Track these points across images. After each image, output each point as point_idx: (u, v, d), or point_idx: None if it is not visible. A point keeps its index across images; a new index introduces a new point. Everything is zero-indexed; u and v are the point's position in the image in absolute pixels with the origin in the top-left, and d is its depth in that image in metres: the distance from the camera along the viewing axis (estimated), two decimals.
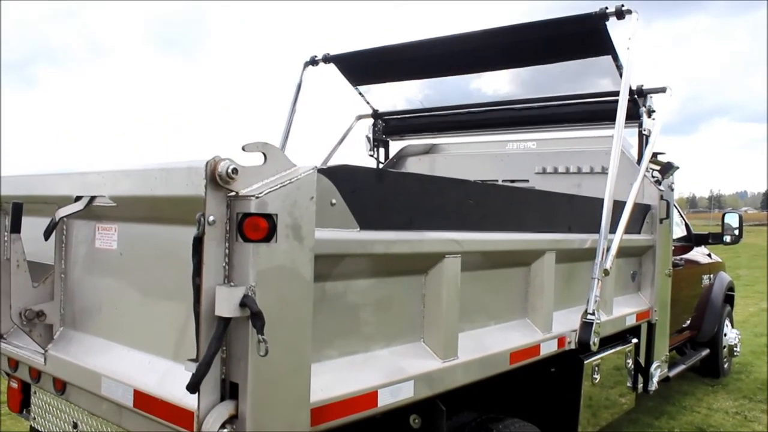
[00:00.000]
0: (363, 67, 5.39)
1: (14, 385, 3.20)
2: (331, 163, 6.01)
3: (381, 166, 6.26)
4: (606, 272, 3.51)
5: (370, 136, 6.21)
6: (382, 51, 4.95)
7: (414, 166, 6.22)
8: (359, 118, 6.26)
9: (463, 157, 6.01)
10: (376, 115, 6.19)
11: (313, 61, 5.41)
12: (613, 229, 3.67)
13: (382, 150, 6.30)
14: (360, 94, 5.77)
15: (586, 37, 4.01)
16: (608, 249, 3.55)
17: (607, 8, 3.76)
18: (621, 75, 4.01)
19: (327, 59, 5.34)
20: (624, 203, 3.87)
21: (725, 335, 7.25)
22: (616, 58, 4.08)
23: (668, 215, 4.94)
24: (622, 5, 3.75)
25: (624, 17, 3.77)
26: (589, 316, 3.45)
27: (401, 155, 6.30)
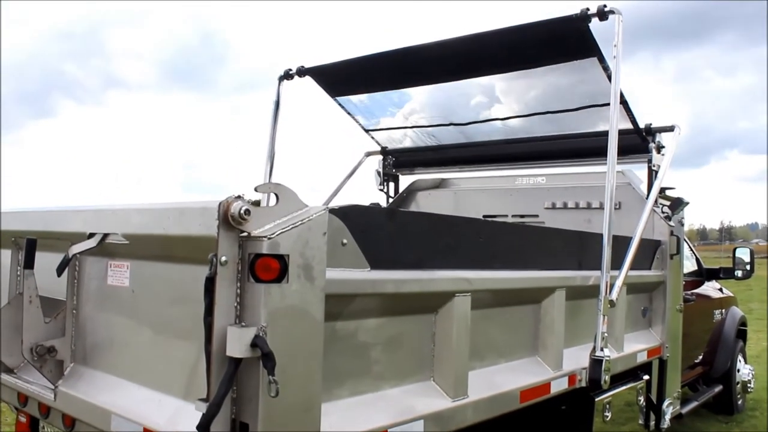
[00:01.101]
0: (340, 78, 5.18)
1: (23, 419, 3.21)
2: (339, 198, 6.04)
3: (391, 200, 6.30)
4: (612, 303, 3.44)
5: (380, 170, 6.25)
6: (359, 61, 4.75)
7: (424, 200, 6.24)
8: (368, 154, 6.31)
9: (473, 191, 6.03)
10: (385, 151, 6.23)
11: (288, 75, 5.18)
12: (621, 264, 3.66)
13: (391, 184, 6.34)
14: (340, 105, 5.57)
15: (569, 40, 3.84)
16: (613, 284, 3.53)
17: (588, 9, 3.58)
18: (609, 78, 3.82)
19: (301, 72, 5.12)
20: (632, 239, 3.86)
21: (738, 371, 7.16)
22: (602, 60, 3.89)
23: (678, 251, 4.93)
24: (604, 6, 3.55)
25: (607, 18, 3.57)
26: (597, 353, 3.43)
27: (411, 189, 6.33)
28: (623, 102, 4.08)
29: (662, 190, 5.00)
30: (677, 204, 4.97)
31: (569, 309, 3.49)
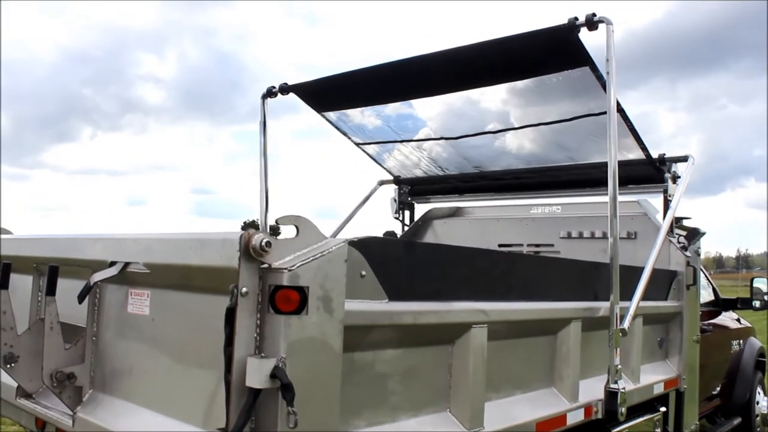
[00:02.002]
0: (325, 94, 5.08)
1: None
2: (351, 225, 6.05)
3: (406, 228, 6.32)
4: (623, 332, 3.40)
5: (396, 198, 6.28)
6: (344, 77, 4.62)
7: (439, 229, 6.26)
8: (381, 183, 6.33)
9: (488, 220, 6.04)
10: (398, 180, 6.27)
11: (270, 93, 5.06)
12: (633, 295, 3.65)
13: (407, 212, 6.36)
14: (329, 121, 5.44)
15: (559, 50, 3.66)
16: (623, 315, 3.49)
17: (576, 19, 3.38)
18: (603, 87, 3.60)
19: (284, 90, 5.00)
20: (651, 270, 3.85)
21: (758, 403, 7.05)
22: (594, 69, 3.69)
23: (695, 281, 4.90)
24: (593, 14, 3.34)
25: (596, 27, 3.35)
26: (612, 386, 3.40)
27: (426, 218, 6.35)
28: (620, 110, 3.93)
29: (678, 219, 4.99)
30: (694, 234, 4.96)
31: (585, 340, 3.48)
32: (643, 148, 4.50)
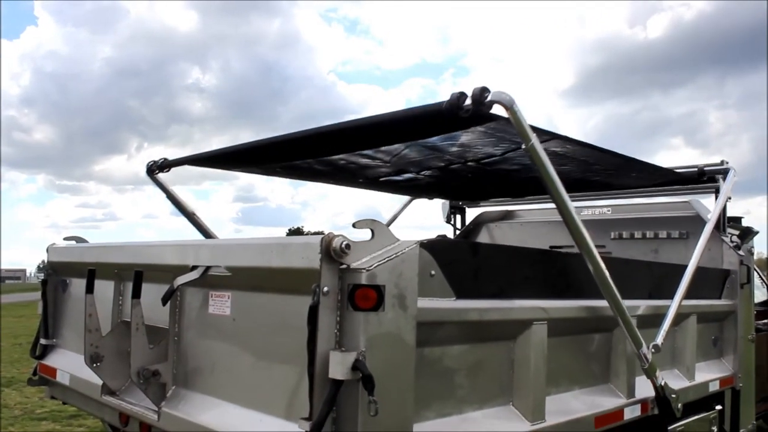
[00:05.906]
0: (215, 161, 4.31)
1: None
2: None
3: (458, 232, 6.43)
4: (656, 348, 3.39)
5: (447, 203, 6.39)
6: (236, 150, 3.86)
7: (491, 232, 6.35)
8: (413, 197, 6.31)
9: (538, 223, 6.10)
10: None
11: (151, 171, 4.54)
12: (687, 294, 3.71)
13: (458, 216, 6.49)
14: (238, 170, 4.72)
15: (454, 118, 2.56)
16: (664, 320, 3.55)
17: (463, 95, 2.38)
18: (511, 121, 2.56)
19: (164, 166, 4.47)
20: (704, 269, 3.89)
21: None
22: (497, 120, 2.65)
23: (749, 280, 4.91)
24: (484, 91, 2.37)
25: (490, 107, 2.40)
26: (661, 396, 3.48)
27: (477, 222, 6.45)
28: (554, 136, 3.15)
29: (732, 219, 5.01)
30: (746, 233, 4.97)
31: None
32: (658, 171, 4.42)
